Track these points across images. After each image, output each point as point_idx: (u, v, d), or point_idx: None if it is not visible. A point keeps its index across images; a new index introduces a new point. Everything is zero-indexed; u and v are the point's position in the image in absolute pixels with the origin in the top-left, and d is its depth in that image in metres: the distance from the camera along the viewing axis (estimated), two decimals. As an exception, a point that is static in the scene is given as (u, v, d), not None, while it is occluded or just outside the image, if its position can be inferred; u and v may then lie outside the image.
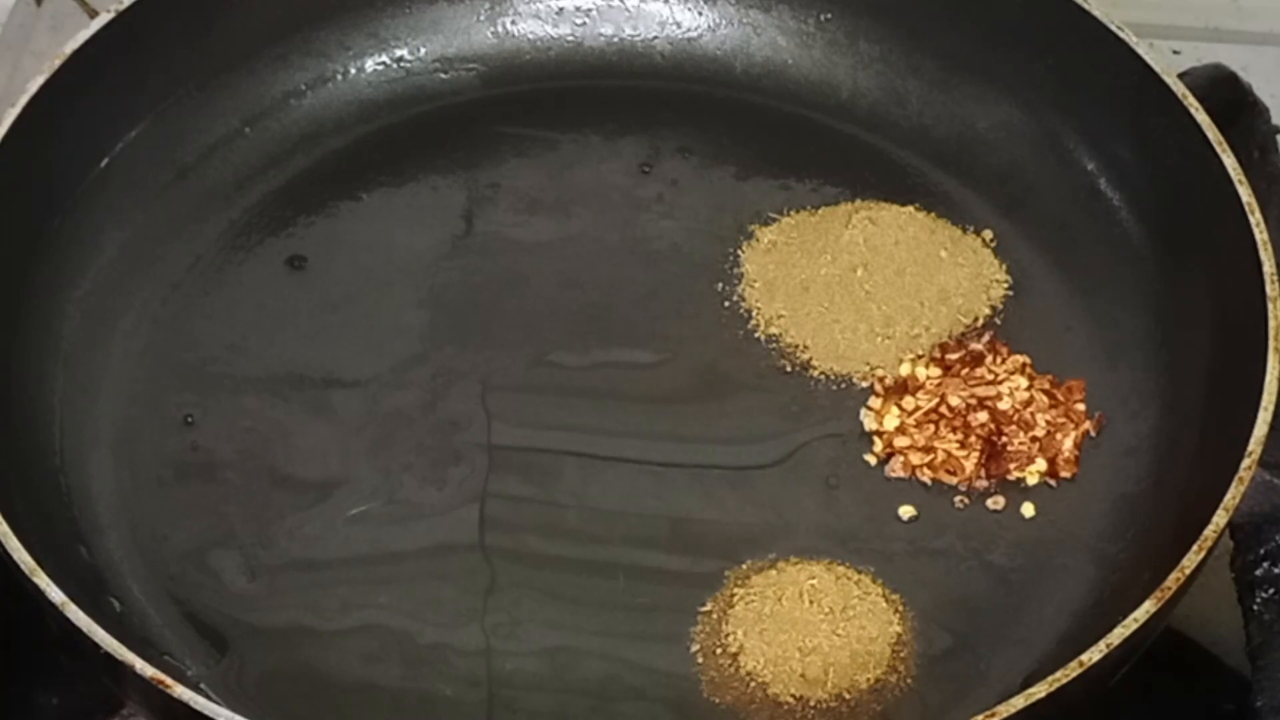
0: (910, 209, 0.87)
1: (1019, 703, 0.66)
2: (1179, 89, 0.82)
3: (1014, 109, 0.89)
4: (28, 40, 0.98)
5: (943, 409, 0.79)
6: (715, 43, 0.93)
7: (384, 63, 0.92)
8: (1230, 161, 0.79)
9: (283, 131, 0.90)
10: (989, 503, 0.79)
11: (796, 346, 0.83)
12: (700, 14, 0.94)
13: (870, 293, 0.84)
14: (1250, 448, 0.71)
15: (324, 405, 0.81)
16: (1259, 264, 0.76)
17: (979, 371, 0.81)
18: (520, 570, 0.76)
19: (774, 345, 0.83)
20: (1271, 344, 0.74)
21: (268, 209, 0.87)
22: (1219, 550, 0.72)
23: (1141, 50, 0.84)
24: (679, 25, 0.94)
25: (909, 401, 0.80)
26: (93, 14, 0.93)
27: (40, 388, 0.80)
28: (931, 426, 0.79)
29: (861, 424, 0.81)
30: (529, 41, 0.93)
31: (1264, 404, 0.73)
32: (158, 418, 0.80)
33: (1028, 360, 0.81)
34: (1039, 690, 0.66)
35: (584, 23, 0.94)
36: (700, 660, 0.74)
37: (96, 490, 0.78)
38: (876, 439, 0.80)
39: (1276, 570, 0.76)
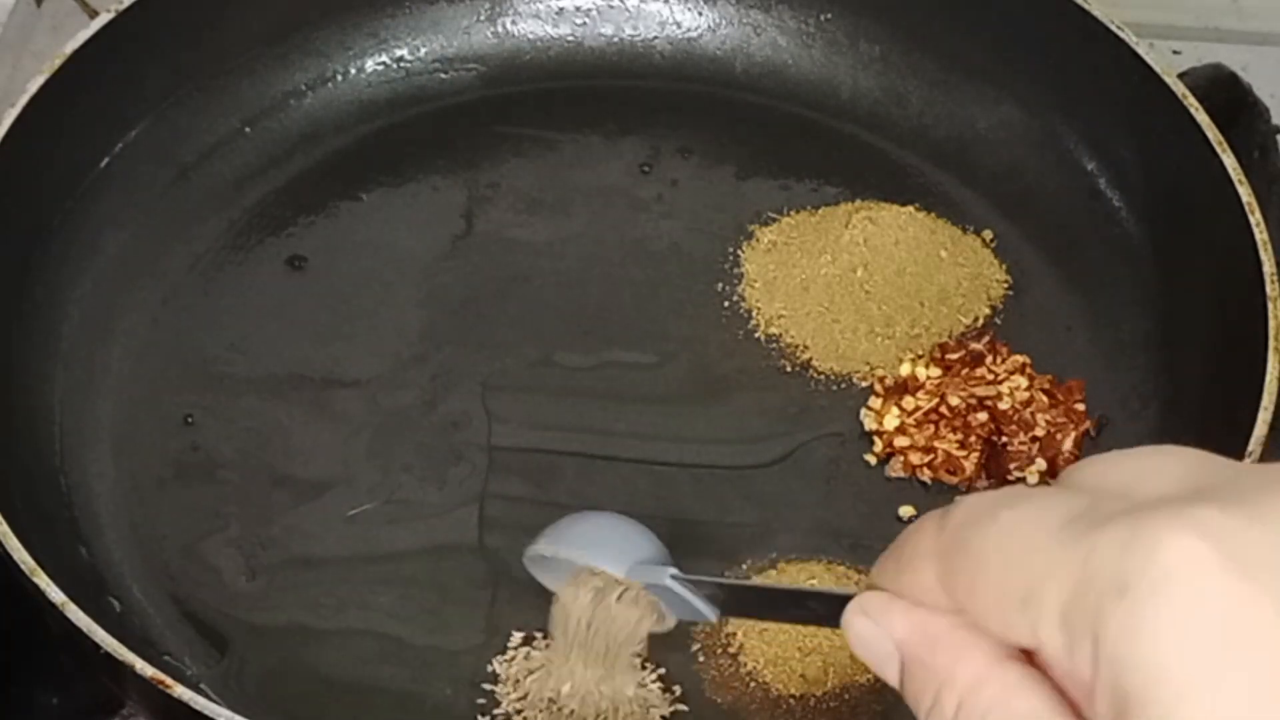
0: (910, 209, 0.87)
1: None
2: (1179, 89, 0.82)
3: (1014, 109, 0.89)
4: (28, 40, 0.98)
5: (943, 409, 0.79)
6: (715, 43, 0.93)
7: (384, 63, 0.92)
8: (1230, 161, 0.79)
9: (283, 131, 0.90)
10: (989, 503, 0.78)
11: (796, 346, 0.83)
12: (700, 14, 0.94)
13: (870, 293, 0.84)
14: (1250, 448, 0.71)
15: (324, 405, 0.81)
16: (1259, 264, 0.76)
17: (979, 371, 0.81)
18: (519, 569, 0.76)
19: (774, 345, 0.83)
20: (1271, 344, 0.74)
21: (268, 209, 0.88)
22: (1219, 550, 0.71)
23: (1141, 50, 0.84)
24: (679, 25, 0.94)
25: (909, 401, 0.80)
26: (93, 14, 0.93)
27: (40, 388, 0.80)
28: (931, 426, 0.79)
29: (861, 424, 0.81)
30: (529, 41, 0.93)
31: (1264, 404, 0.73)
32: (158, 418, 0.80)
33: (1028, 360, 0.81)
34: (1039, 690, 0.66)
35: (584, 23, 0.94)
36: (701, 660, 0.74)
37: (96, 490, 0.78)
38: (876, 439, 0.80)
39: (1276, 570, 0.75)
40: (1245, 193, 0.78)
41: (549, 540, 0.67)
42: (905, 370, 0.81)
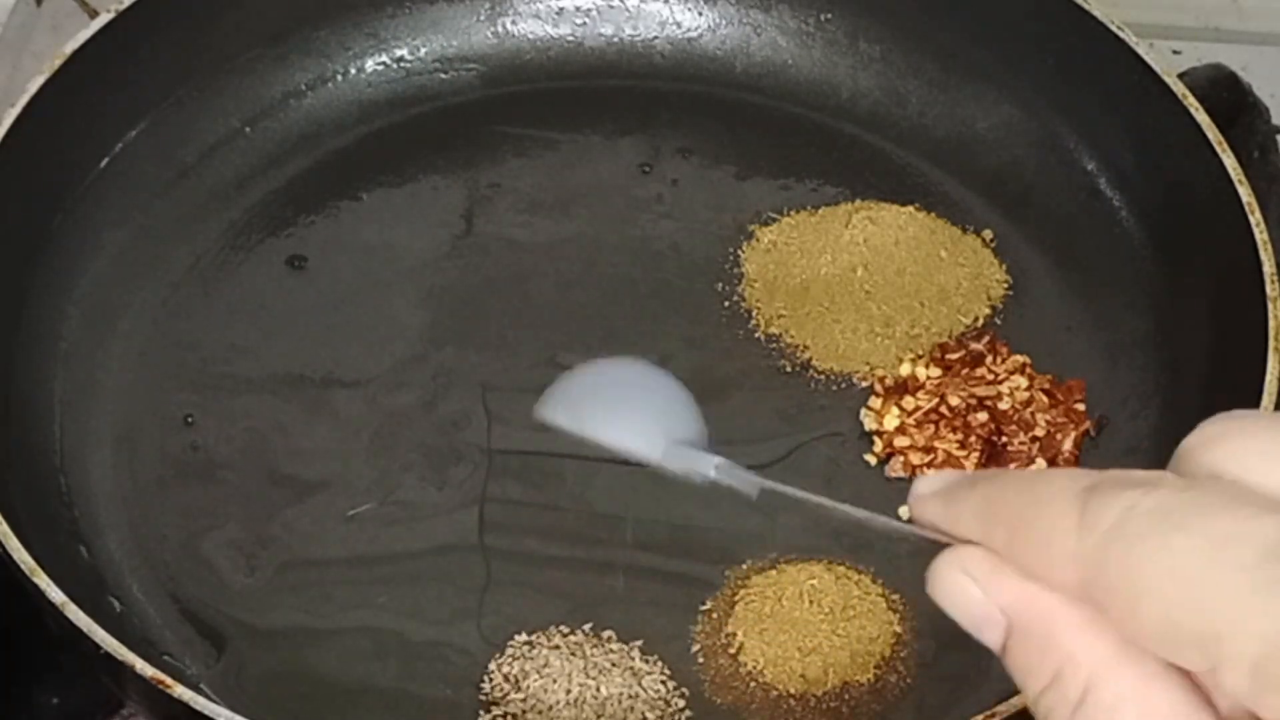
0: (910, 209, 0.87)
1: (1019, 702, 0.66)
2: (1179, 89, 0.82)
3: (1014, 109, 0.89)
4: (28, 40, 0.98)
5: (943, 409, 0.79)
6: (715, 43, 0.93)
7: (384, 63, 0.92)
8: (1230, 161, 0.79)
9: (283, 131, 0.90)
10: (989, 503, 0.78)
11: (796, 346, 0.83)
12: (700, 14, 0.94)
13: (870, 293, 0.84)
14: (1250, 448, 0.71)
15: (324, 405, 0.81)
16: (1259, 264, 0.76)
17: (979, 371, 0.81)
18: (519, 570, 0.76)
19: (774, 345, 0.83)
20: (1271, 344, 0.74)
21: (268, 209, 0.88)
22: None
23: (1141, 50, 0.84)
24: (679, 25, 0.94)
25: (909, 401, 0.80)
26: (93, 14, 0.93)
27: (40, 388, 0.79)
28: (931, 426, 0.79)
29: (861, 424, 0.81)
30: (529, 41, 0.93)
31: (1264, 404, 0.72)
32: (158, 418, 0.80)
33: (1028, 360, 0.81)
34: (1039, 690, 0.66)
35: (584, 23, 0.94)
36: (701, 659, 0.74)
37: (96, 490, 0.78)
38: (876, 439, 0.80)
39: (1277, 570, 0.75)
40: (1245, 193, 0.78)
41: (565, 409, 0.58)
42: (905, 370, 0.81)
